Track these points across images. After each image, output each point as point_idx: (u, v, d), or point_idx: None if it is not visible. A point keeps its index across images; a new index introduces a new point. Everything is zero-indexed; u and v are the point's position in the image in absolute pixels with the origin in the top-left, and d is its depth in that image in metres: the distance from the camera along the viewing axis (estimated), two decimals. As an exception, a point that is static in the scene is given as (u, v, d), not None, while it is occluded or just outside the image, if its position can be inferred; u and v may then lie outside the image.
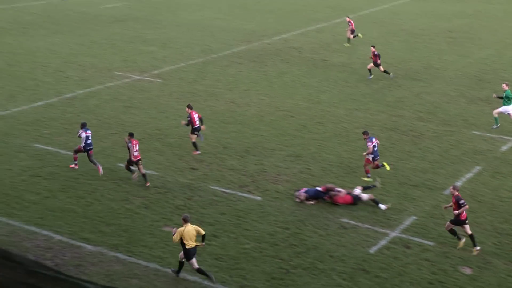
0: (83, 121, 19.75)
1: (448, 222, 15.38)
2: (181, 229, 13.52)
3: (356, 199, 17.39)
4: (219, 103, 26.04)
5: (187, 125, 20.39)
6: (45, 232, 15.63)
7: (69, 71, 30.17)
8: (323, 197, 17.49)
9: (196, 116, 20.35)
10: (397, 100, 26.57)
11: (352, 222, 16.56)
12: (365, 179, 18.89)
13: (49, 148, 20.79)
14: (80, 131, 19.01)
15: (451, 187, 15.36)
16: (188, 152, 20.81)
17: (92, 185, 18.26)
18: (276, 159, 20.40)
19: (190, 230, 13.48)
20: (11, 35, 37.12)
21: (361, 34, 36.50)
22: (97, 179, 18.68)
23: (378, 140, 19.34)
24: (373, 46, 29.19)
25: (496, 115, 23.28)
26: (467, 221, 15.15)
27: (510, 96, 22.94)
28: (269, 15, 45.59)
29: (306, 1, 51.33)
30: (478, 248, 15.18)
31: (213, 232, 15.81)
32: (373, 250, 15.26)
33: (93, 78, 29.06)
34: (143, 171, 18.31)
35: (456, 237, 15.38)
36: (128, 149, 18.30)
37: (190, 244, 13.49)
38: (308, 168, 19.81)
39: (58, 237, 15.44)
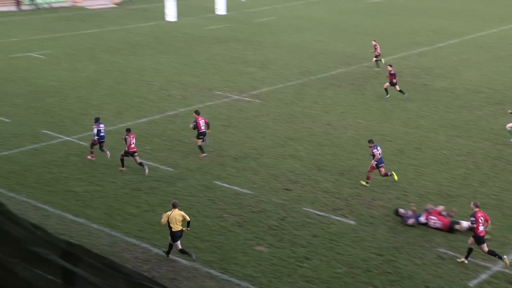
0: (96, 116, 21.66)
1: (480, 246, 14.99)
2: (168, 213, 14.99)
3: (454, 224, 16.78)
4: (315, 125, 26.03)
5: (194, 128, 21.78)
6: (143, 245, 16.12)
7: (172, 89, 31.27)
8: (424, 222, 17.18)
9: (202, 122, 21.75)
10: (502, 128, 25.43)
11: (450, 252, 15.96)
12: (363, 183, 19.66)
13: (150, 163, 21.55)
14: (93, 126, 21.08)
15: (472, 203, 15.31)
16: (283, 173, 20.93)
17: (189, 201, 18.74)
18: (372, 184, 20.07)
19: (176, 215, 14.94)
20: (121, 55, 39.00)
21: (383, 60, 35.27)
22: (193, 195, 19.17)
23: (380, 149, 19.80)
24: (390, 65, 29.34)
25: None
26: (484, 239, 14.95)
27: None
28: (369, 38, 45.19)
29: (408, 25, 50.50)
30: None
31: (305, 254, 15.74)
32: (472, 283, 14.61)
33: (194, 97, 29.91)
34: (139, 160, 20.39)
35: (497, 257, 14.86)
36: (125, 141, 20.15)
37: (176, 227, 14.92)
38: (405, 195, 19.33)
39: (155, 250, 15.87)
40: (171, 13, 52.25)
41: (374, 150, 19.51)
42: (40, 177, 20.29)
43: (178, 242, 15.13)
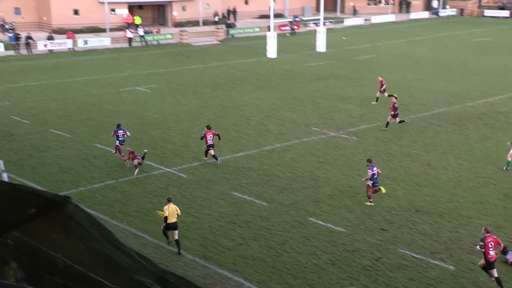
0: (118, 123, 24.94)
1: (489, 271, 15.24)
2: (166, 206, 17.58)
3: None
4: (414, 165, 25.38)
5: (201, 139, 25.10)
6: (236, 278, 16.20)
7: (269, 124, 31.62)
8: None
9: (210, 135, 24.60)
10: None
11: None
12: (368, 203, 20.63)
13: (246, 197, 21.77)
14: (113, 133, 24.76)
15: (483, 228, 15.77)
16: (379, 212, 20.50)
17: (282, 237, 18.73)
18: (473, 228, 19.19)
19: (173, 208, 17.54)
20: (222, 90, 40.02)
21: (387, 93, 35.00)
22: (287, 231, 19.16)
23: (379, 170, 21.32)
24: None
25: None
26: (494, 265, 15.12)
27: None
28: (474, 77, 43.83)
29: (516, 63, 48.53)
30: None
31: (400, 298, 15.19)
32: None
33: (291, 133, 30.05)
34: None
35: (500, 287, 15.02)
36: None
37: (171, 219, 17.48)
38: (510, 242, 18.30)
39: (248, 284, 15.91)
40: (272, 50, 53.21)
41: (369, 171, 20.77)
42: (141, 206, 21.04)
43: (176, 232, 17.58)
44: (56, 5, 59.92)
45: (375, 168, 20.83)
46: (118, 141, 24.81)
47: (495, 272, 15.10)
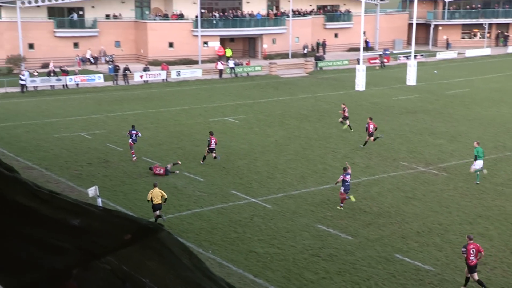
0: (133, 124, 30.79)
1: (471, 275, 16.80)
2: (151, 191, 21.72)
3: None
4: (509, 204, 24.29)
5: (208, 146, 29.11)
6: (318, 312, 16.01)
7: (356, 158, 31.27)
8: None
9: (214, 141, 29.00)
10: None
11: None
12: (338, 207, 23.00)
13: (330, 230, 21.56)
14: (128, 131, 30.02)
15: (467, 236, 17.54)
16: (469, 252, 19.63)
17: (367, 272, 18.35)
18: None
19: (157, 192, 21.53)
20: (309, 121, 39.99)
21: (345, 124, 36.33)
22: (372, 267, 18.75)
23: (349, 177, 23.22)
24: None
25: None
26: (475, 269, 16.77)
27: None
28: None
29: None
30: None
31: None
32: None
33: (378, 166, 29.58)
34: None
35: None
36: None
37: (156, 201, 21.45)
38: None
39: (329, 319, 15.66)
40: (360, 83, 52.79)
41: (341, 176, 23.12)
42: (226, 236, 21.27)
43: (157, 212, 21.49)
44: (153, 38, 62.57)
45: (348, 176, 23.05)
46: (131, 140, 29.88)
47: (476, 276, 16.86)
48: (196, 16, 63.60)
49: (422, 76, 57.84)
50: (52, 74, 50.29)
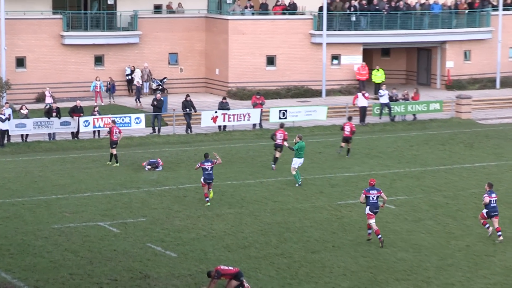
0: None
1: None
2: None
3: None
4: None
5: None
6: None
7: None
8: None
9: (280, 135, 27.97)
10: None
11: None
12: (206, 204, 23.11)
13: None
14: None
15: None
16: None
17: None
18: None
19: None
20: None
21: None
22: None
23: None
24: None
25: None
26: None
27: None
28: None
29: None
30: None
31: None
32: None
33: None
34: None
35: None
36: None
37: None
38: None
39: None
40: None
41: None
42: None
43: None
44: (237, 48, 45.05)
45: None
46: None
47: None
48: (320, 9, 43.24)
49: None
50: (54, 114, 35.26)
